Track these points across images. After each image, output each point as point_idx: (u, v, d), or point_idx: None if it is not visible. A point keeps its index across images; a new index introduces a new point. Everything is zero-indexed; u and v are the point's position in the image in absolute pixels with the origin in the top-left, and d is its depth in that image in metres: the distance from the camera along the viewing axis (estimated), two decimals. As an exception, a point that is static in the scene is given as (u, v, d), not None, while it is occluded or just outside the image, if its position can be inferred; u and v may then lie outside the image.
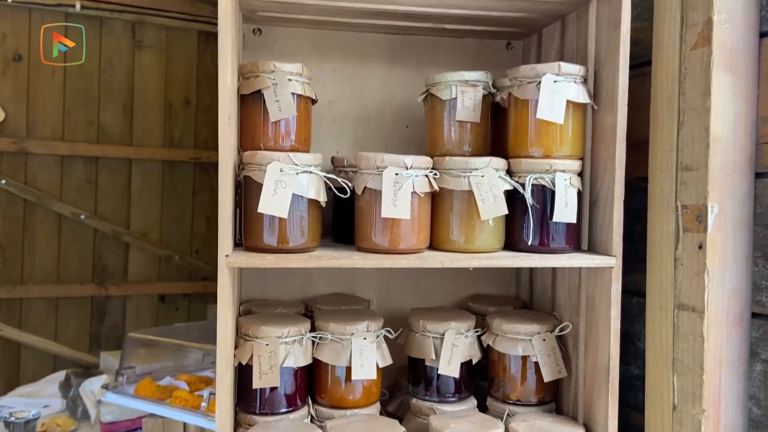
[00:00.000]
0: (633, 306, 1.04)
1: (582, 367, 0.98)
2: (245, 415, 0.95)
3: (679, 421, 0.87)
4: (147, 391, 1.43)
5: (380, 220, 0.87)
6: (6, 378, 2.30)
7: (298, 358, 0.94)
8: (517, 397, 1.01)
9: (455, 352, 1.00)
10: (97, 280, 2.44)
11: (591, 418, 0.95)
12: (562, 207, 0.90)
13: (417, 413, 1.02)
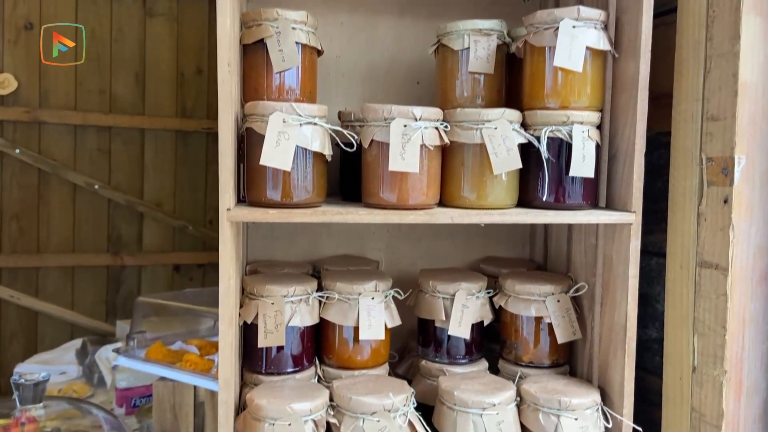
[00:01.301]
0: (652, 267, 0.99)
1: (597, 329, 0.94)
2: (251, 375, 0.93)
3: (699, 383, 0.83)
4: (158, 355, 1.42)
5: (388, 174, 0.84)
6: (24, 345, 2.33)
7: (305, 318, 0.92)
8: (530, 359, 0.98)
9: (466, 313, 0.97)
10: (112, 250, 2.45)
11: (606, 381, 0.92)
12: (579, 161, 0.86)
13: (426, 375, 1.00)
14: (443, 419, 0.88)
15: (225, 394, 0.81)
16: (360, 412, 0.84)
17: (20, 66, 2.29)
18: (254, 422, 0.83)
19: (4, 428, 1.19)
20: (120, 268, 2.46)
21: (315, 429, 0.83)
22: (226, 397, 0.81)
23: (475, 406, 0.86)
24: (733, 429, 0.80)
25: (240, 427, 0.85)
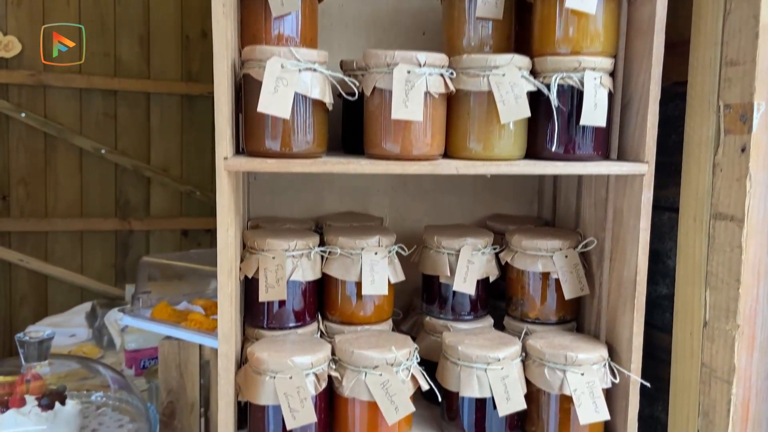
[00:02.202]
0: (664, 222, 0.96)
1: (606, 285, 0.92)
2: (253, 330, 0.92)
3: (710, 338, 0.81)
4: (163, 314, 1.42)
5: (390, 123, 0.81)
6: (34, 309, 2.36)
7: (306, 273, 0.90)
8: (536, 315, 0.96)
9: (471, 268, 0.94)
10: (119, 215, 2.45)
11: (614, 337, 0.90)
12: (590, 108, 0.82)
13: (430, 331, 0.98)
14: (447, 374, 0.87)
15: (225, 347, 0.80)
16: (362, 365, 0.83)
17: (24, 28, 2.26)
18: (255, 376, 0.82)
19: (10, 385, 1.19)
20: (128, 232, 2.46)
21: (316, 382, 0.82)
22: (225, 350, 0.80)
23: (480, 360, 0.85)
24: (745, 384, 0.78)
25: (241, 381, 0.84)
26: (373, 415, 0.83)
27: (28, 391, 1.18)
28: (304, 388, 0.80)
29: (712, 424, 0.80)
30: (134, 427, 1.24)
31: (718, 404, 0.79)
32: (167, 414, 1.32)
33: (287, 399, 0.80)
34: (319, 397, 0.83)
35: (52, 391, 1.20)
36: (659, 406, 0.95)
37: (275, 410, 0.81)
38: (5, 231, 2.33)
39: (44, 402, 1.15)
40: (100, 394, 1.33)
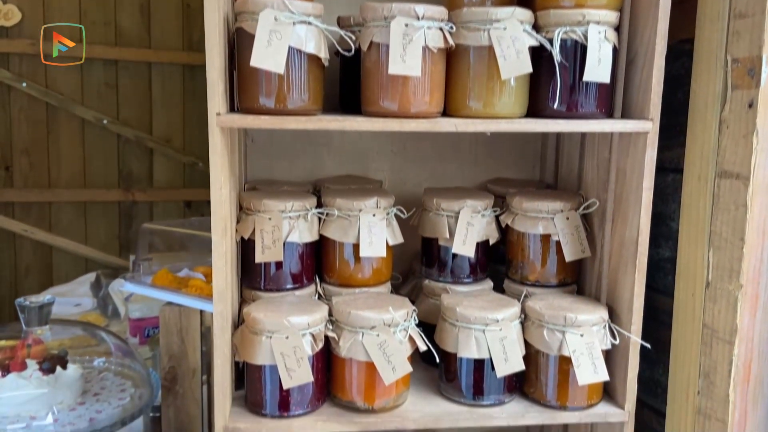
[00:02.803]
0: (668, 184, 0.94)
1: (608, 247, 0.91)
2: (250, 292, 0.91)
3: (713, 299, 0.80)
4: (164, 281, 1.42)
5: (388, 79, 0.79)
6: (39, 279, 2.37)
7: (303, 234, 0.89)
8: (536, 278, 0.95)
9: (471, 231, 0.93)
10: (123, 186, 2.45)
11: (615, 299, 0.88)
12: (594, 64, 0.80)
13: (429, 294, 0.97)
14: (445, 335, 0.87)
15: (220, 307, 0.80)
16: (359, 326, 0.82)
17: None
18: (251, 336, 0.82)
19: (11, 349, 1.20)
20: (131, 203, 2.46)
21: (313, 343, 0.82)
22: (221, 310, 0.80)
23: (478, 322, 0.84)
24: (747, 345, 0.77)
25: (238, 342, 0.84)
26: (371, 375, 0.82)
27: (29, 356, 1.18)
28: (300, 348, 0.80)
29: (713, 385, 0.79)
30: (136, 391, 1.24)
31: (719, 365, 0.78)
32: (169, 379, 1.32)
33: (284, 359, 0.80)
34: (316, 357, 0.82)
35: (53, 355, 1.21)
36: (659, 369, 0.94)
37: (272, 370, 0.81)
38: (9, 202, 2.34)
39: (45, 366, 1.16)
40: (102, 360, 1.34)
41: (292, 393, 0.82)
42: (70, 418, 1.11)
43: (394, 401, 0.85)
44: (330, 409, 0.85)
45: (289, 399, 0.82)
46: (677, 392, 0.85)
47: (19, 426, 1.06)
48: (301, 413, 0.83)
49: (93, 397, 1.20)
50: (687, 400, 0.83)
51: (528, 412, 0.85)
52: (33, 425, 1.07)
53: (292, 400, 0.82)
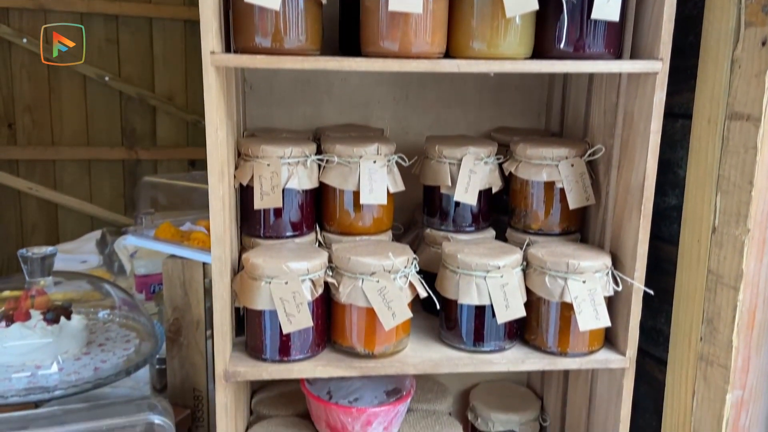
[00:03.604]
0: (676, 130, 0.92)
1: (613, 194, 0.89)
2: (249, 239, 0.91)
3: (719, 244, 0.78)
4: (166, 234, 1.42)
5: (388, 18, 0.76)
6: (45, 237, 2.39)
7: (303, 181, 0.88)
8: (539, 227, 0.93)
9: (473, 178, 0.91)
10: (126, 144, 2.44)
11: (618, 246, 0.87)
12: (603, 1, 0.76)
13: (431, 243, 0.96)
14: (446, 283, 0.86)
15: (218, 250, 0.79)
16: (359, 272, 0.81)
17: (20, -51, 2.19)
18: (250, 281, 0.81)
19: (15, 300, 1.21)
20: (135, 162, 2.45)
21: (313, 288, 0.81)
22: (219, 254, 0.79)
23: (479, 268, 0.83)
24: (752, 290, 0.76)
25: (237, 287, 0.83)
26: (371, 321, 0.82)
27: (33, 306, 1.19)
28: (300, 294, 0.80)
29: (716, 331, 0.79)
30: (141, 342, 1.25)
31: (723, 311, 0.77)
32: (173, 331, 1.33)
33: (283, 304, 0.79)
34: (315, 303, 0.82)
35: (57, 306, 1.21)
36: (662, 318, 0.93)
37: (272, 315, 0.81)
38: (13, 159, 2.33)
39: (49, 316, 1.17)
40: (106, 312, 1.35)
41: (292, 338, 0.82)
42: (75, 367, 1.12)
43: (394, 347, 0.85)
44: (330, 354, 0.85)
45: (289, 344, 0.82)
46: (679, 339, 0.84)
47: (24, 374, 1.07)
48: (301, 358, 0.83)
49: (98, 347, 1.21)
50: (689, 347, 0.82)
51: (528, 358, 0.85)
52: (38, 374, 1.08)
53: (292, 345, 0.82)
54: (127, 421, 0.83)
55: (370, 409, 0.90)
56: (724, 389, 0.77)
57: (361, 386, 0.98)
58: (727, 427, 0.78)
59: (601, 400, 0.92)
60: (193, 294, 1.33)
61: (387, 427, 0.92)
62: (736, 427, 0.79)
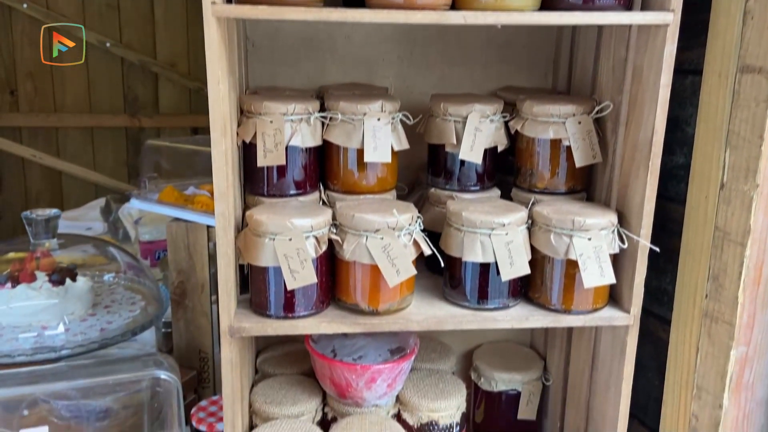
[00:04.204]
0: (686, 87, 0.90)
1: (620, 151, 0.88)
2: (253, 198, 0.90)
3: (726, 200, 0.77)
4: (170, 197, 1.42)
5: (393, -32, 0.74)
6: (50, 204, 2.38)
7: (306, 138, 0.87)
8: (545, 185, 0.92)
9: (479, 136, 0.90)
10: (129, 111, 2.43)
11: (625, 203, 0.86)
12: (611, -50, 0.74)
13: (435, 203, 0.96)
14: (450, 240, 0.85)
15: (221, 206, 0.79)
16: (363, 229, 0.81)
17: None
18: (254, 238, 0.81)
19: (20, 262, 1.21)
20: (138, 129, 2.44)
21: (317, 245, 0.81)
22: (222, 209, 0.79)
23: (484, 226, 0.82)
24: (759, 246, 0.75)
25: (241, 244, 0.83)
26: (375, 278, 0.82)
27: (38, 268, 1.19)
28: (303, 250, 0.79)
29: (722, 287, 0.78)
30: (146, 305, 1.26)
31: (730, 267, 0.77)
32: (178, 294, 1.34)
33: (287, 260, 0.79)
34: (319, 260, 0.82)
35: (62, 268, 1.22)
36: (667, 277, 0.93)
37: (276, 272, 0.81)
38: (16, 126, 2.32)
39: (55, 278, 1.17)
40: (111, 275, 1.35)
41: (296, 295, 0.82)
42: (81, 328, 1.13)
43: (398, 304, 0.85)
44: (334, 311, 0.85)
45: (294, 301, 0.82)
46: (684, 297, 0.84)
47: (30, 335, 1.08)
48: (305, 314, 0.83)
49: (104, 309, 1.22)
50: (694, 304, 0.82)
51: (532, 315, 0.85)
52: (45, 334, 1.09)
53: (297, 302, 0.82)
54: (133, 377, 0.84)
55: (374, 366, 0.91)
56: (728, 345, 0.77)
57: (365, 345, 0.98)
58: (730, 384, 0.78)
59: (605, 360, 0.93)
60: (198, 257, 1.33)
61: (391, 384, 0.93)
62: (740, 384, 0.79)
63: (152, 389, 0.83)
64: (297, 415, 0.93)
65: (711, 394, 0.80)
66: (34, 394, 0.93)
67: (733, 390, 0.78)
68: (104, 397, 1.01)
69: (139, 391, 0.86)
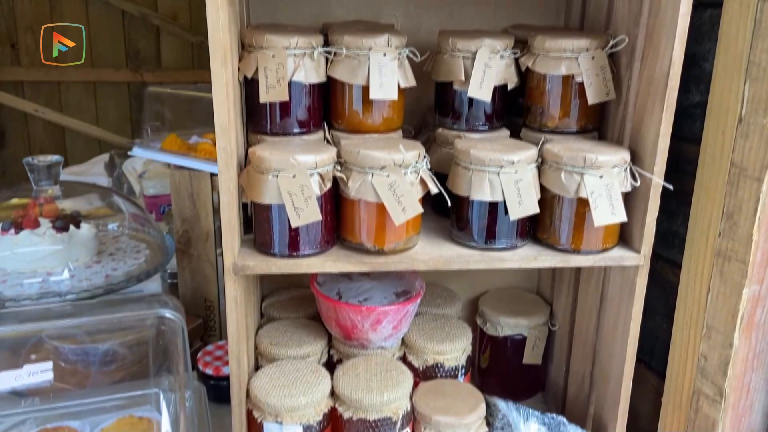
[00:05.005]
0: (704, 21, 0.87)
1: (635, 87, 0.85)
2: (255, 136, 0.88)
3: (744, 135, 0.75)
4: (173, 145, 1.40)
5: None
6: (55, 159, 2.38)
7: (309, 74, 0.84)
8: (555, 125, 0.90)
9: (488, 73, 0.88)
10: (131, 66, 2.39)
11: (638, 141, 0.84)
12: None
13: (443, 143, 0.93)
14: (457, 180, 0.83)
15: (223, 141, 0.77)
16: (368, 166, 0.79)
17: None
18: (257, 175, 0.79)
19: (23, 208, 1.20)
20: (141, 84, 2.41)
21: (321, 183, 0.79)
22: (224, 144, 0.77)
23: (492, 164, 0.80)
24: (776, 181, 0.73)
25: (244, 182, 0.81)
26: (381, 217, 0.80)
27: (41, 214, 1.19)
28: (308, 187, 0.78)
29: (736, 225, 0.76)
30: (151, 253, 1.25)
31: (745, 204, 0.75)
32: (183, 242, 1.34)
33: (291, 197, 0.78)
34: (324, 198, 0.80)
35: (66, 214, 1.21)
36: (679, 220, 0.91)
37: (280, 210, 0.79)
38: (18, 81, 2.30)
39: (58, 224, 1.16)
40: (116, 224, 1.35)
41: (300, 233, 0.81)
42: (86, 275, 1.13)
43: (404, 244, 0.83)
44: (339, 251, 0.84)
45: (298, 239, 0.81)
46: (696, 236, 0.82)
47: (36, 280, 1.08)
48: (310, 253, 0.82)
49: (109, 256, 1.22)
50: (707, 244, 0.80)
51: (540, 255, 0.83)
52: (50, 280, 1.09)
53: (301, 240, 0.81)
54: (138, 315, 0.84)
55: (379, 307, 0.90)
56: (741, 284, 0.76)
57: (370, 288, 0.97)
58: (741, 323, 0.77)
59: (613, 302, 0.92)
60: (202, 206, 1.32)
61: (396, 326, 0.92)
62: (752, 323, 0.78)
63: (157, 328, 0.83)
64: (303, 356, 0.93)
65: (721, 333, 0.79)
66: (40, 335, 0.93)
67: (744, 329, 0.77)
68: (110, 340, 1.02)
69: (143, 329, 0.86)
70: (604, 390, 0.94)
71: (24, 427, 0.90)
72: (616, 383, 0.90)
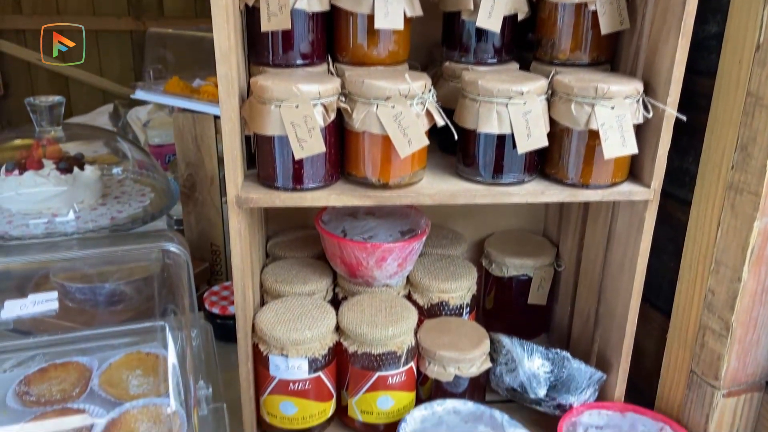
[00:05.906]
0: (726, -54, 0.83)
1: (649, 16, 0.82)
2: (258, 68, 0.86)
3: (762, 63, 0.72)
4: (176, 88, 1.39)
5: None
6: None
7: (312, 1, 0.82)
8: (567, 57, 0.87)
9: (497, 2, 0.85)
10: (133, 14, 2.34)
11: (652, 73, 0.81)
12: None
13: (450, 77, 0.91)
14: (465, 112, 0.82)
15: (224, 68, 0.75)
16: (373, 97, 0.77)
17: None
18: (260, 106, 0.77)
19: (26, 149, 1.19)
20: (143, 33, 2.37)
21: (325, 114, 0.78)
22: (225, 71, 0.75)
23: (501, 95, 0.78)
24: (794, 110, 0.70)
25: (246, 114, 0.80)
26: (386, 150, 0.79)
27: (44, 156, 1.18)
28: (311, 118, 0.76)
29: (750, 157, 0.74)
30: (156, 196, 1.25)
31: (760, 135, 0.73)
32: (188, 186, 1.33)
33: (294, 128, 0.76)
34: (328, 130, 0.79)
35: (69, 156, 1.20)
36: (690, 157, 0.89)
37: (283, 141, 0.78)
38: (20, 29, 2.26)
39: (62, 166, 1.16)
40: (120, 169, 1.34)
41: (304, 166, 0.79)
42: (91, 216, 1.13)
43: (409, 178, 0.82)
44: (344, 185, 0.83)
45: (302, 172, 0.80)
46: (709, 168, 0.80)
47: (41, 221, 1.08)
48: (314, 187, 0.81)
49: (114, 199, 1.22)
50: (719, 177, 0.79)
51: (548, 190, 0.82)
52: (55, 221, 1.09)
53: (305, 173, 0.80)
54: (143, 247, 0.84)
55: (384, 244, 0.89)
56: (752, 217, 0.74)
57: (375, 226, 0.97)
58: (751, 256, 0.76)
59: (620, 239, 0.91)
60: (206, 149, 1.31)
61: (401, 264, 0.92)
62: (761, 257, 0.76)
63: (162, 262, 0.83)
64: (308, 293, 0.93)
65: (730, 267, 0.78)
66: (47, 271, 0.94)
67: (753, 263, 0.76)
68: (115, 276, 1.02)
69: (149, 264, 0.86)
70: (609, 328, 0.94)
71: (33, 363, 0.92)
72: (622, 320, 0.89)
